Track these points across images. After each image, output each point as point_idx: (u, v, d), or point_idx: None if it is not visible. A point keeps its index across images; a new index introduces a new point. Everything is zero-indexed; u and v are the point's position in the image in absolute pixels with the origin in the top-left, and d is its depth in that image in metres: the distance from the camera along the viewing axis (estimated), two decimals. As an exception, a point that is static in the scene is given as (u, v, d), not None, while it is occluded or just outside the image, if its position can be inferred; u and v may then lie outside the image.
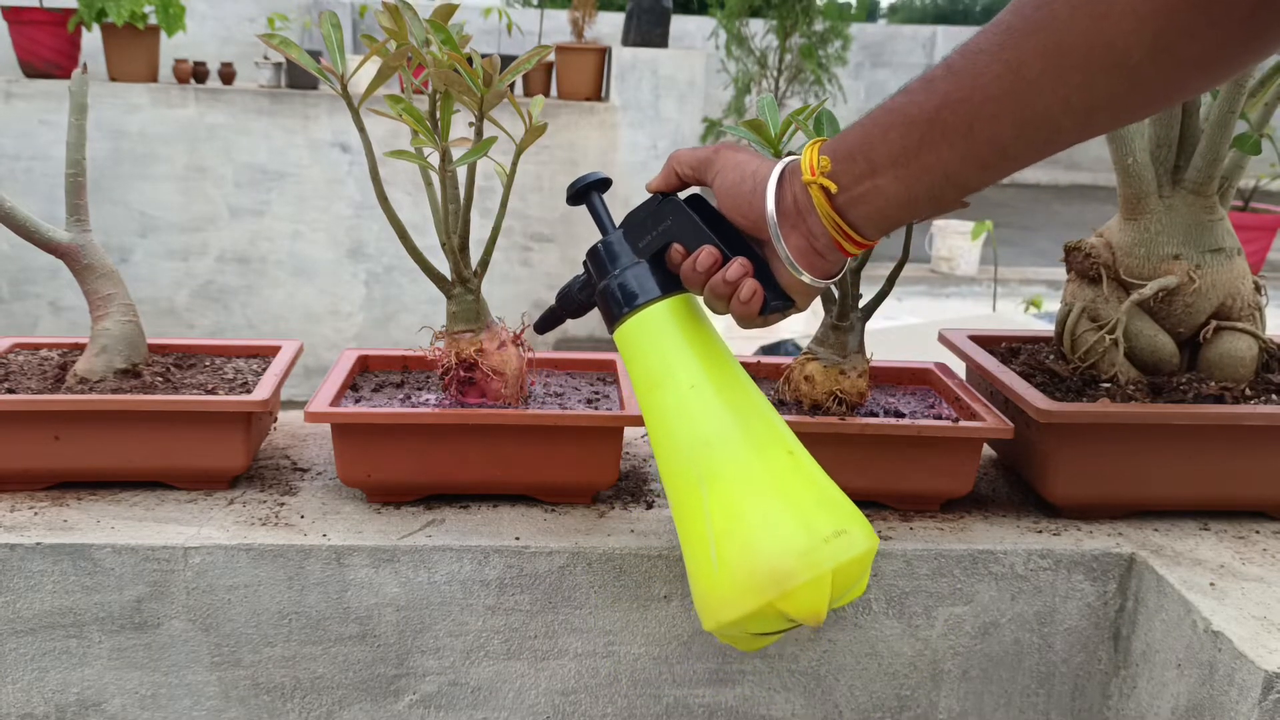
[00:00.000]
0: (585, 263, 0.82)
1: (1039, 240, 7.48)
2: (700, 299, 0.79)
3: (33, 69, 4.04)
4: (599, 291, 0.80)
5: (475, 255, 0.92)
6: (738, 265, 0.73)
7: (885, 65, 10.16)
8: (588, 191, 0.83)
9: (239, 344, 1.07)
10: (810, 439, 0.91)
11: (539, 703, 0.92)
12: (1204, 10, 0.49)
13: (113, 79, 4.06)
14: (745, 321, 0.75)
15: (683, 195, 0.79)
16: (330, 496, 0.95)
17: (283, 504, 0.94)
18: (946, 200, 0.65)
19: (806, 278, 0.72)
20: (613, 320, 0.79)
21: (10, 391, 0.93)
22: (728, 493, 0.71)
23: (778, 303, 0.74)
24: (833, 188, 0.67)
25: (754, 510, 0.70)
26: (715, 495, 0.71)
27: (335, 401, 0.92)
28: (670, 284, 0.77)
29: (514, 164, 0.88)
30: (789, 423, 0.90)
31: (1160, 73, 0.53)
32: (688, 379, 0.74)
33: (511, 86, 0.87)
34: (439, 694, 0.91)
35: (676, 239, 0.76)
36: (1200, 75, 0.53)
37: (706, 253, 0.74)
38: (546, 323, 0.88)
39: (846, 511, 0.72)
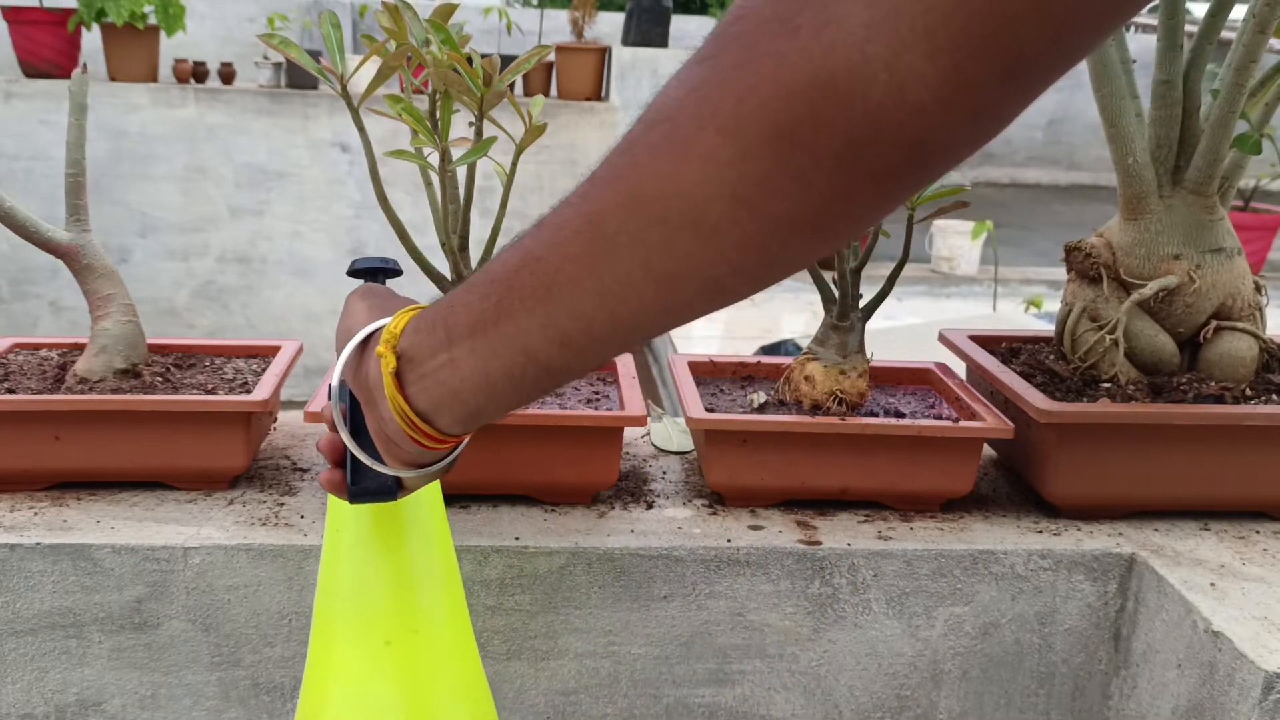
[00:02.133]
0: None
1: (1039, 240, 7.48)
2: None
3: (33, 69, 4.05)
4: None
5: (475, 255, 0.92)
6: (324, 442, 0.64)
7: (885, 65, 10.14)
8: (373, 276, 0.73)
9: (239, 344, 1.07)
10: (810, 439, 0.91)
11: (539, 703, 0.92)
12: (788, 157, 0.40)
13: (113, 79, 4.06)
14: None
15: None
16: (330, 497, 0.95)
17: (283, 504, 0.94)
18: (528, 386, 0.52)
19: (388, 470, 0.61)
20: None
21: (10, 391, 0.93)
22: (313, 659, 0.66)
23: (355, 490, 0.63)
24: (391, 364, 0.55)
25: (319, 696, 0.65)
26: (310, 652, 0.66)
27: (335, 401, 0.92)
28: None
29: (514, 164, 0.88)
30: (788, 423, 0.90)
31: (743, 234, 0.42)
32: (337, 522, 0.69)
33: (511, 86, 0.87)
34: (439, 694, 0.91)
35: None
36: (789, 241, 0.43)
37: (324, 413, 0.65)
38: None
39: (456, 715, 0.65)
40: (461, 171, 0.89)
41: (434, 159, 0.88)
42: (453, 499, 0.94)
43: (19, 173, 4.02)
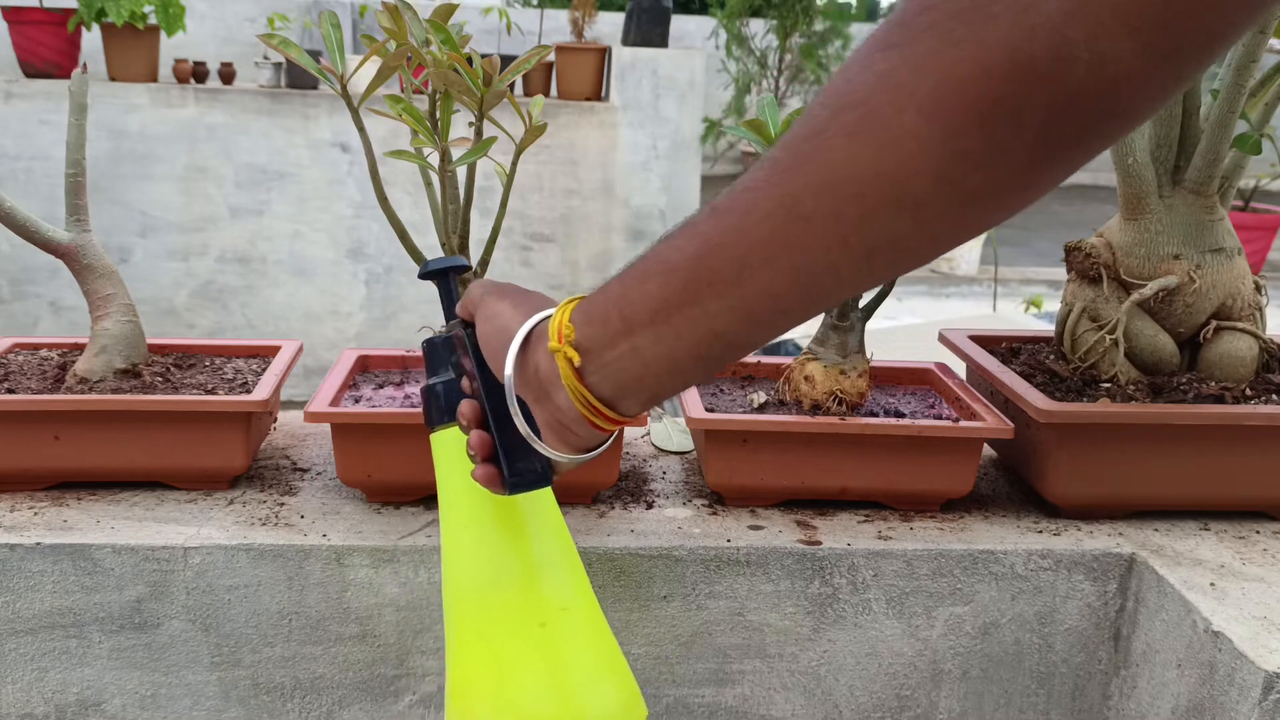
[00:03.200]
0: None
1: (1039, 240, 7.48)
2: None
3: (33, 69, 4.05)
4: (421, 389, 0.74)
5: (475, 255, 0.92)
6: (475, 439, 0.65)
7: (885, 65, 10.14)
8: (444, 275, 0.75)
9: (239, 344, 1.07)
10: (810, 439, 0.91)
11: (539, 703, 0.92)
12: (992, 133, 0.43)
13: (112, 79, 4.06)
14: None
15: None
16: (330, 496, 0.95)
17: (283, 504, 0.94)
18: (714, 362, 0.55)
19: (558, 456, 0.63)
20: (427, 425, 0.74)
21: (10, 391, 0.93)
22: (472, 651, 0.67)
23: (515, 481, 0.65)
24: (576, 359, 0.57)
25: (480, 686, 0.65)
26: (461, 648, 0.67)
27: (335, 401, 0.92)
28: None
29: (514, 164, 0.88)
30: (788, 423, 0.90)
31: (945, 207, 0.46)
32: (461, 519, 0.70)
33: (511, 86, 0.87)
34: (439, 694, 0.91)
35: (467, 374, 0.69)
36: (989, 209, 0.47)
37: (462, 410, 0.66)
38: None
39: (605, 690, 0.66)
40: (461, 171, 0.90)
41: (434, 159, 0.88)
42: (453, 499, 0.95)
43: (19, 173, 4.02)
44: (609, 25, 7.14)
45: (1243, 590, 0.84)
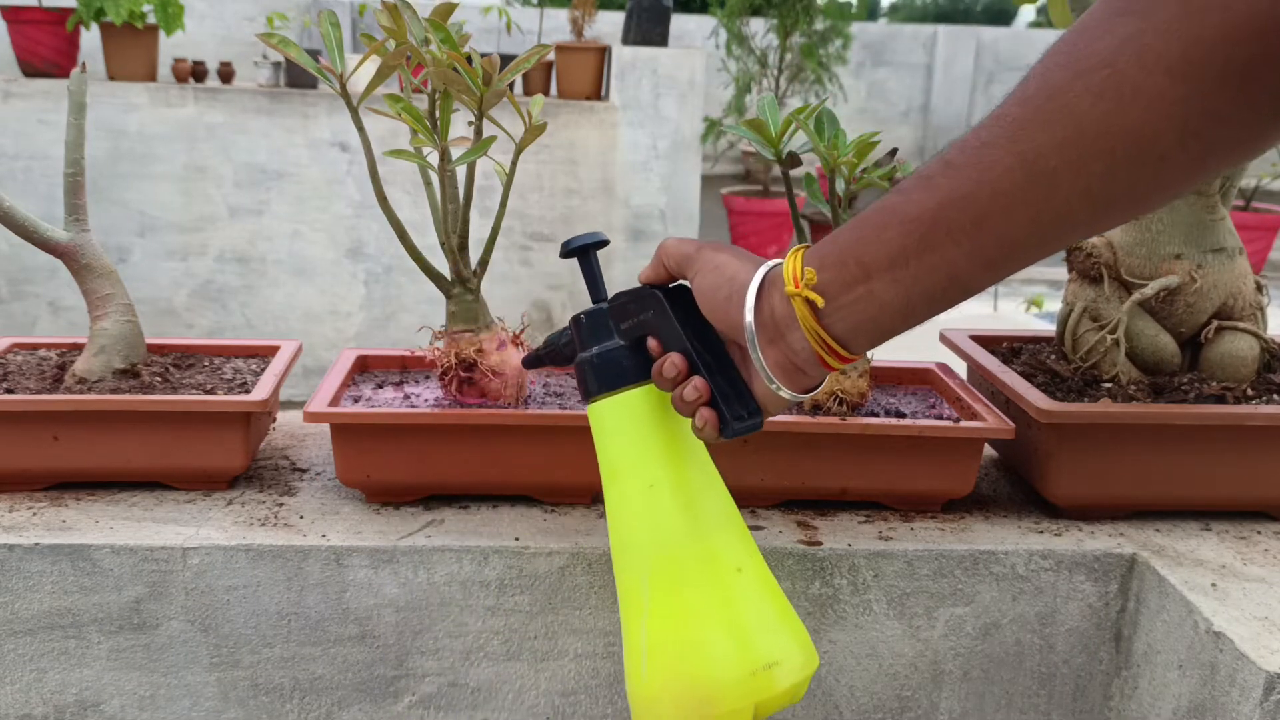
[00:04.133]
0: (569, 325, 0.78)
1: (1039, 240, 7.47)
2: None
3: (31, 68, 4.04)
4: (577, 362, 0.76)
5: (475, 255, 0.92)
6: (692, 388, 0.69)
7: (886, 64, 10.15)
8: (585, 251, 0.78)
9: (238, 344, 1.07)
10: (811, 439, 0.91)
11: (538, 703, 0.91)
12: (1239, 90, 0.47)
13: (111, 78, 4.06)
14: (707, 442, 0.72)
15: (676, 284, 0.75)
16: (329, 497, 0.95)
17: (282, 504, 0.93)
18: (944, 303, 0.60)
19: (785, 393, 0.67)
20: (585, 397, 0.75)
21: (9, 391, 0.93)
22: (665, 608, 0.69)
23: (739, 425, 0.68)
24: (820, 301, 0.62)
25: (688, 630, 0.68)
26: (654, 606, 0.69)
27: (334, 402, 0.92)
28: (644, 373, 0.73)
29: (514, 163, 0.88)
30: (789, 423, 0.90)
31: (1188, 159, 0.50)
32: (646, 478, 0.71)
33: (511, 85, 0.86)
34: (438, 695, 0.91)
35: (654, 334, 0.72)
36: (1227, 159, 0.51)
37: (671, 362, 0.70)
38: (534, 362, 0.85)
39: (786, 638, 0.69)
40: (461, 171, 0.89)
41: (433, 158, 0.88)
42: (453, 499, 0.94)
43: (18, 172, 4.01)
44: (609, 24, 7.13)
45: (1244, 591, 0.84)
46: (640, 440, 0.72)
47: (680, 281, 0.73)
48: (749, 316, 0.66)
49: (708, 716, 0.66)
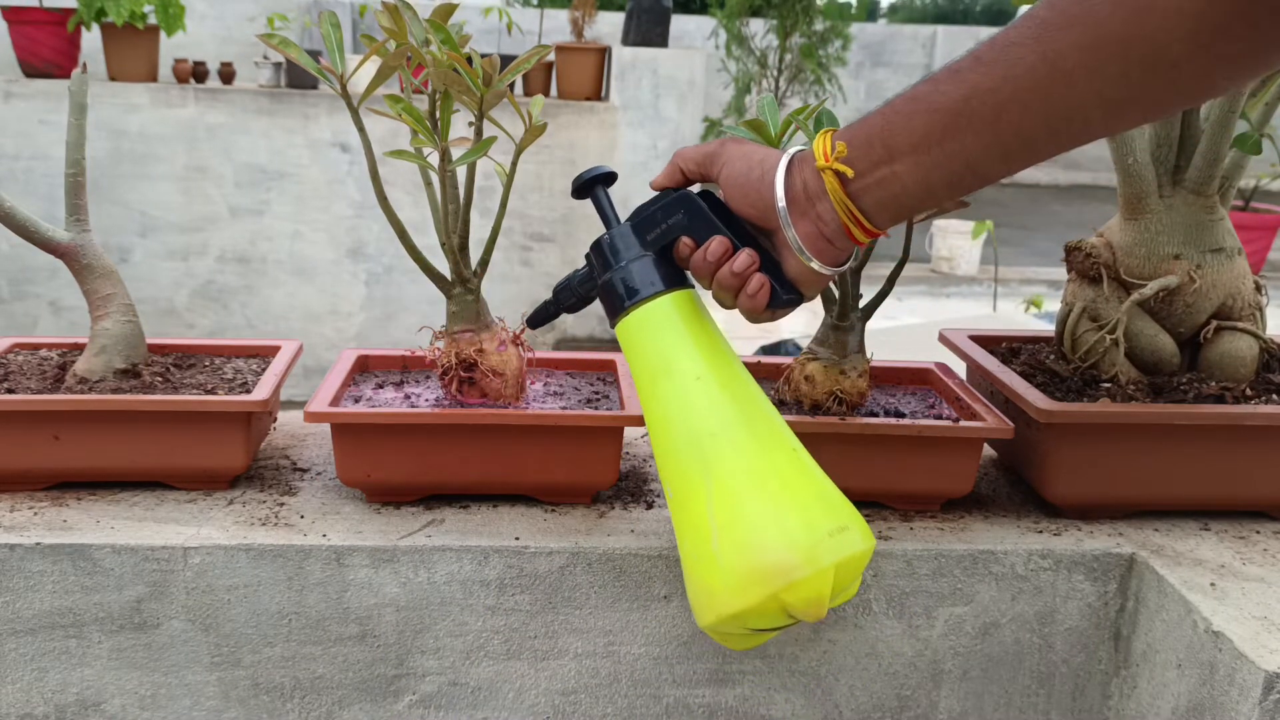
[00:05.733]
0: (588, 255, 0.82)
1: (1039, 240, 7.48)
2: (704, 295, 0.78)
3: (32, 69, 4.05)
4: (602, 284, 0.80)
5: (475, 255, 0.92)
6: (745, 255, 0.73)
7: (885, 65, 10.16)
8: (592, 185, 0.83)
9: (238, 344, 1.07)
10: (810, 439, 0.91)
11: (539, 703, 0.92)
12: (1243, 11, 0.51)
13: (112, 79, 4.06)
14: (753, 315, 0.75)
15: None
16: (330, 496, 0.95)
17: (282, 504, 0.94)
18: (961, 189, 0.66)
19: (816, 264, 0.72)
20: (615, 313, 0.78)
21: (10, 391, 0.93)
22: (731, 485, 0.71)
23: (787, 296, 0.74)
24: (849, 173, 0.67)
25: (758, 503, 0.70)
26: (718, 487, 0.71)
27: (335, 401, 0.92)
28: (675, 278, 0.78)
29: (514, 164, 0.88)
30: (789, 423, 0.90)
31: (1197, 69, 0.54)
32: (692, 371, 0.74)
33: (511, 86, 0.86)
34: (439, 694, 0.91)
35: (686, 232, 0.76)
36: (1233, 73, 0.55)
37: (717, 242, 0.74)
38: (540, 317, 0.88)
39: (847, 510, 0.72)
40: (461, 171, 0.89)
41: (434, 159, 0.88)
42: (453, 499, 0.95)
43: (19, 173, 4.02)
44: (609, 25, 7.14)
45: (1243, 590, 0.84)
46: (682, 339, 0.75)
47: (697, 187, 0.78)
48: (779, 189, 0.71)
49: (790, 584, 0.67)
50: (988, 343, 1.10)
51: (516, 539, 0.88)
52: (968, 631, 0.91)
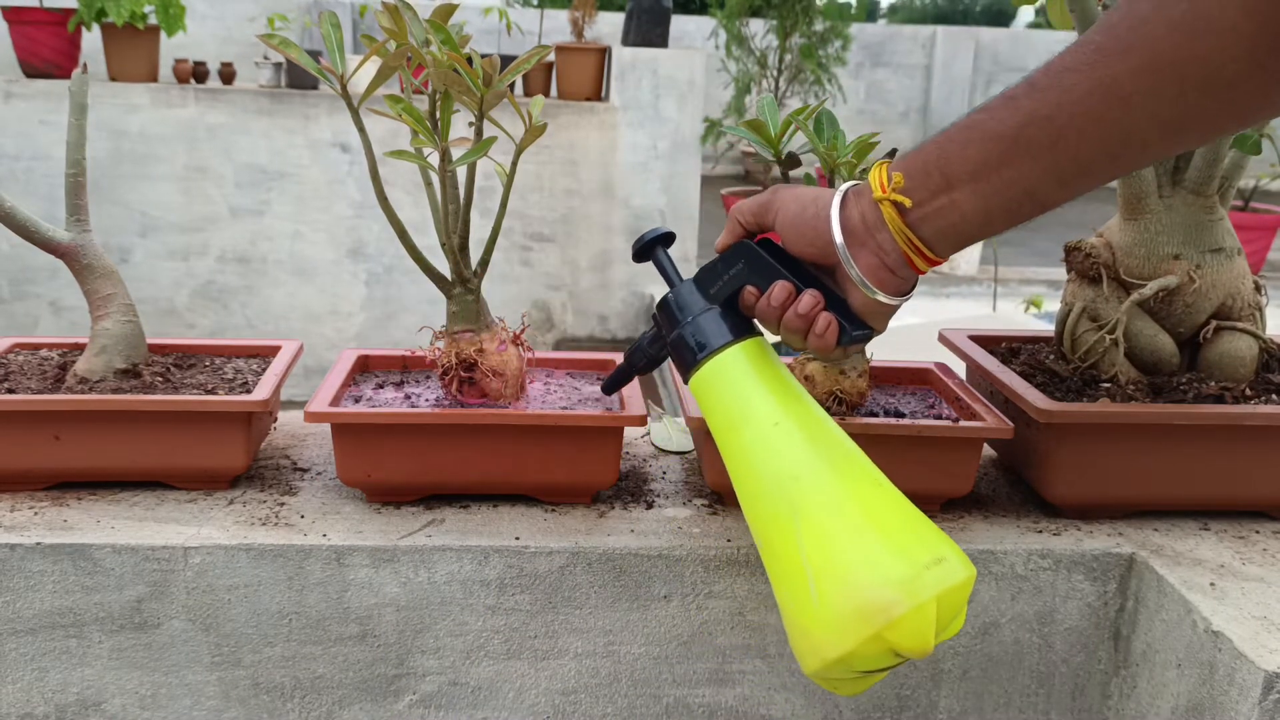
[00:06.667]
0: (654, 316, 0.81)
1: (1039, 240, 7.47)
2: (773, 341, 0.78)
3: (33, 69, 4.05)
4: (671, 342, 0.79)
5: (475, 255, 0.92)
6: (808, 297, 0.73)
7: (885, 65, 10.15)
8: (653, 246, 0.83)
9: (239, 344, 1.07)
10: (810, 439, 0.91)
11: (539, 703, 0.92)
12: None
13: (113, 79, 4.06)
14: (825, 354, 0.75)
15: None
16: (330, 496, 0.95)
17: (283, 504, 0.94)
18: (1020, 216, 0.66)
19: (881, 296, 0.72)
20: (688, 368, 0.78)
21: (10, 391, 0.93)
22: (821, 526, 0.69)
23: (857, 332, 0.74)
24: (907, 203, 0.68)
25: (850, 542, 0.68)
26: (808, 529, 0.69)
27: (335, 401, 0.92)
28: (743, 328, 0.77)
29: (514, 164, 0.88)
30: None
31: (1253, 88, 0.55)
32: (770, 417, 0.73)
33: (511, 86, 0.87)
34: (439, 694, 0.91)
35: (748, 280, 0.76)
36: None
37: (780, 287, 0.74)
38: (614, 383, 0.89)
39: (942, 540, 0.70)
40: (461, 171, 0.90)
41: (434, 159, 0.88)
42: (453, 499, 0.95)
43: (19, 173, 4.02)
44: (609, 25, 7.14)
45: (1242, 590, 0.84)
46: (756, 387, 0.75)
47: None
48: (835, 225, 0.71)
49: (892, 621, 0.65)
50: (987, 343, 1.10)
51: (517, 539, 0.88)
52: (967, 631, 0.91)
